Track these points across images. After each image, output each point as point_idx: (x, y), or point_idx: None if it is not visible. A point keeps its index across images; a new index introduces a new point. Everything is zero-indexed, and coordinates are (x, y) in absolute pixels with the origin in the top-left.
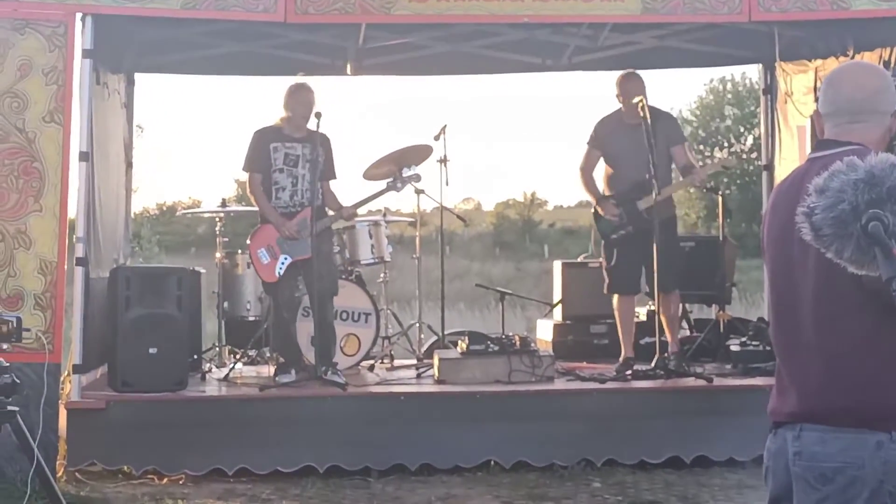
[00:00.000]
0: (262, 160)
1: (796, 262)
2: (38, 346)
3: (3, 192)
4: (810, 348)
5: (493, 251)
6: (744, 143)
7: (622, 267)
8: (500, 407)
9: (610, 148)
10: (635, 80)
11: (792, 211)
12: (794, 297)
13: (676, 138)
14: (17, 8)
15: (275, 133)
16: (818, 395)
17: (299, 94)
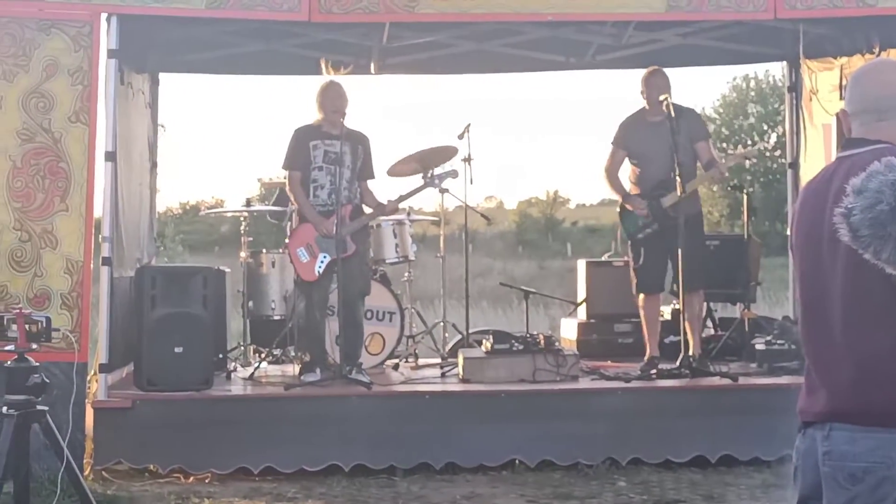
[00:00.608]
0: (302, 158)
1: (825, 261)
2: (66, 346)
3: (29, 191)
4: (840, 348)
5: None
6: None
7: (649, 266)
8: (525, 406)
9: (634, 147)
10: (660, 77)
11: (820, 210)
12: (823, 296)
13: (700, 134)
14: (43, 8)
15: (314, 131)
16: (848, 395)
17: (329, 92)
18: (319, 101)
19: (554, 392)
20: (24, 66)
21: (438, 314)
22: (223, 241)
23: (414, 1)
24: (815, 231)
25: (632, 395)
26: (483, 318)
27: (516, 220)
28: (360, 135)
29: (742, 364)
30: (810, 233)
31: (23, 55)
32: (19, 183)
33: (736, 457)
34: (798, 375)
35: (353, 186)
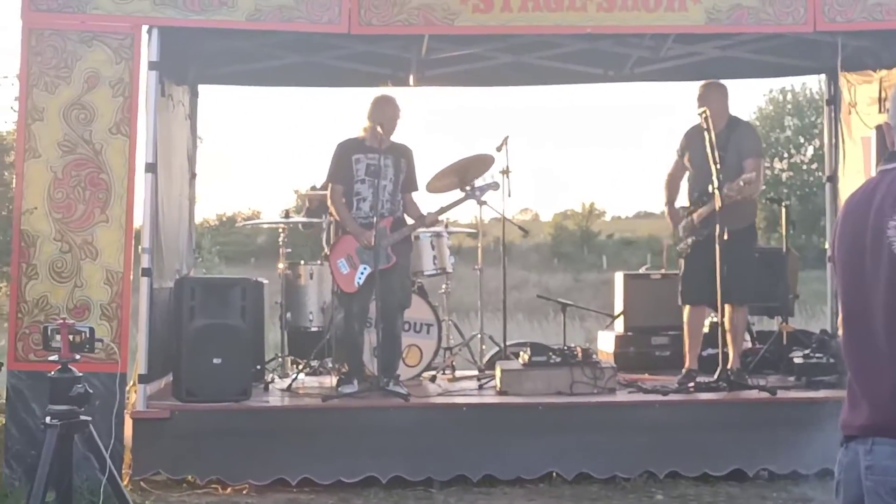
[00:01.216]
0: (345, 171)
1: (868, 273)
2: (106, 357)
3: (70, 202)
4: (882, 361)
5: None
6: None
7: (690, 277)
8: (562, 418)
9: (690, 156)
10: (707, 91)
11: (862, 223)
12: (865, 309)
13: (748, 151)
14: (85, 21)
15: (357, 145)
16: (891, 409)
17: (383, 107)
18: (371, 114)
19: (591, 405)
20: (66, 78)
21: (475, 326)
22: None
23: (453, 14)
24: (858, 244)
25: (669, 409)
26: (519, 330)
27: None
28: (404, 147)
29: (780, 377)
30: (852, 245)
31: (65, 67)
32: (60, 194)
33: (774, 470)
34: (836, 389)
35: (396, 199)
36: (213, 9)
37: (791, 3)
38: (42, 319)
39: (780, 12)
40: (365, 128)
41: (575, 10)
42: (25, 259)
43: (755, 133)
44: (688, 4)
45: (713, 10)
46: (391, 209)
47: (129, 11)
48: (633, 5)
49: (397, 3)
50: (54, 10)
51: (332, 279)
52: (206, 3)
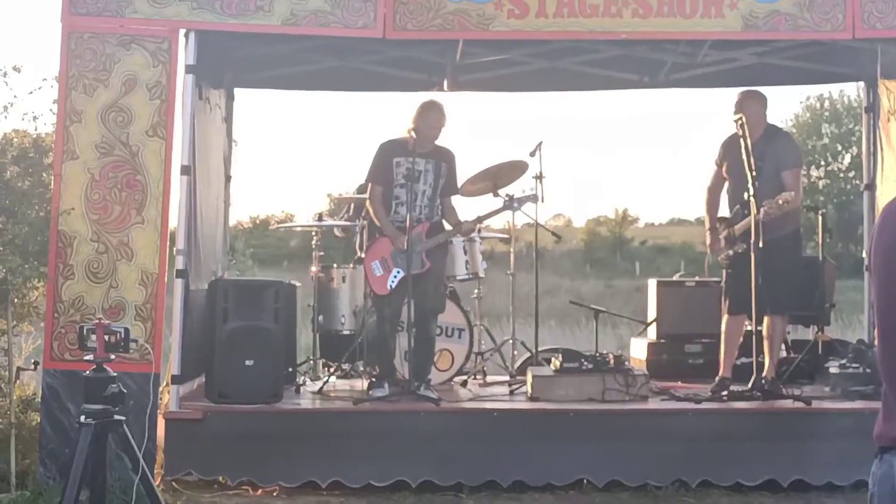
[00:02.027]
0: (385, 173)
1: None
2: (139, 357)
3: (106, 204)
4: None
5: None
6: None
7: (731, 287)
8: (594, 425)
9: (728, 167)
10: (744, 99)
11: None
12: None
13: (786, 162)
14: (124, 24)
15: (400, 147)
16: None
17: (430, 114)
18: (416, 119)
19: (623, 412)
20: (104, 81)
21: (507, 331)
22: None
23: (488, 19)
24: (892, 254)
25: (702, 417)
26: (550, 336)
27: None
28: (446, 151)
29: (815, 387)
30: (886, 255)
31: (103, 70)
32: (97, 195)
33: (808, 481)
34: (872, 400)
35: (434, 204)
36: (249, 13)
37: (830, 10)
38: (78, 319)
39: (819, 19)
40: (409, 130)
41: (610, 16)
42: (62, 259)
43: (794, 143)
44: (724, 11)
45: (750, 17)
46: (428, 214)
47: (167, 15)
48: (669, 11)
49: (432, 8)
50: (93, 14)
51: (364, 280)
52: (243, 7)
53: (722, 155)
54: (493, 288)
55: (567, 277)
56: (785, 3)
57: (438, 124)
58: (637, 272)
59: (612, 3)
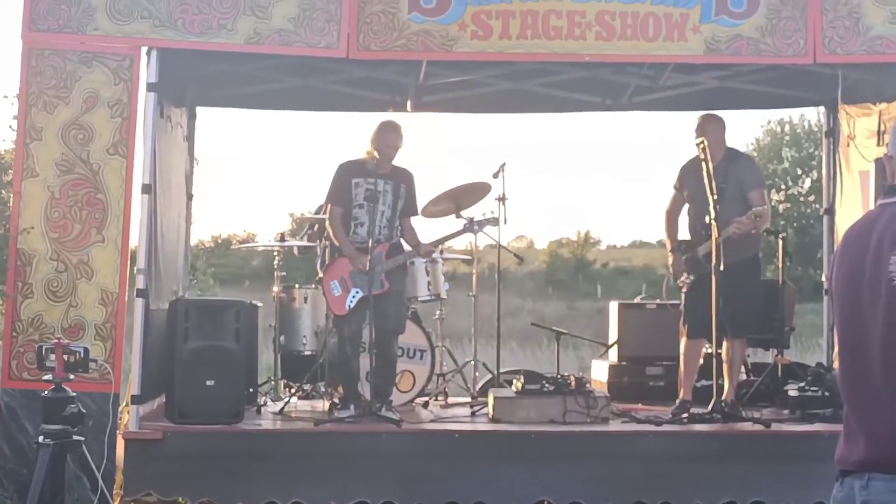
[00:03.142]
0: (344, 194)
1: (865, 308)
2: (99, 377)
3: (66, 222)
4: (879, 396)
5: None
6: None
7: (690, 311)
8: (555, 447)
9: (688, 190)
10: (705, 122)
11: (861, 256)
12: (862, 343)
13: (751, 182)
14: (85, 41)
15: (358, 168)
16: (888, 444)
17: (387, 134)
18: (374, 139)
19: (584, 434)
20: (65, 98)
21: (469, 353)
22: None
23: (452, 40)
24: (856, 277)
25: (663, 439)
26: (512, 357)
27: (546, 260)
28: (405, 172)
29: (774, 410)
30: (850, 278)
31: (64, 87)
32: (57, 214)
33: (767, 503)
34: (831, 423)
35: (394, 224)
36: (212, 31)
37: (791, 35)
38: (37, 339)
39: (780, 43)
40: (368, 151)
41: (574, 39)
42: (21, 278)
43: (756, 164)
44: (687, 34)
45: (712, 41)
46: (388, 235)
47: (129, 33)
48: (633, 34)
49: (396, 29)
50: (54, 31)
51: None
52: (206, 25)
53: (681, 179)
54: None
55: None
56: (747, 27)
57: (396, 144)
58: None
59: (575, 26)
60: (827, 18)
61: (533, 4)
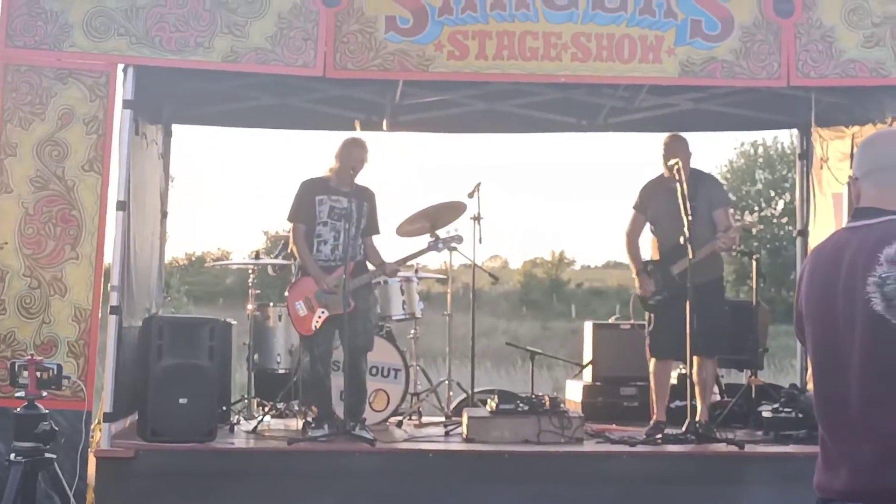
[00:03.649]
0: (307, 212)
1: (840, 334)
2: (71, 394)
3: (40, 239)
4: (860, 424)
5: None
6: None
7: (659, 331)
8: (529, 467)
9: (652, 211)
10: (676, 143)
11: (832, 282)
12: (839, 369)
13: (718, 202)
14: (61, 58)
15: (321, 185)
16: (871, 474)
17: (352, 149)
18: (339, 155)
19: (558, 454)
20: (40, 115)
21: (443, 372)
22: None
23: (428, 59)
24: (828, 302)
25: (637, 460)
26: (487, 377)
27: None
28: (367, 190)
29: (748, 431)
30: (822, 303)
31: (39, 103)
32: (31, 230)
33: None
34: (805, 444)
35: (357, 243)
36: (188, 49)
37: (765, 58)
38: (9, 355)
39: (754, 66)
40: (331, 168)
41: (550, 60)
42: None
43: (720, 184)
44: (662, 56)
45: (687, 63)
46: (352, 253)
47: (105, 50)
48: (608, 56)
49: (373, 48)
50: (30, 47)
51: None
52: (182, 43)
53: (644, 199)
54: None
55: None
56: (721, 50)
57: (361, 159)
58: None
59: (551, 47)
60: (800, 42)
61: (509, 25)
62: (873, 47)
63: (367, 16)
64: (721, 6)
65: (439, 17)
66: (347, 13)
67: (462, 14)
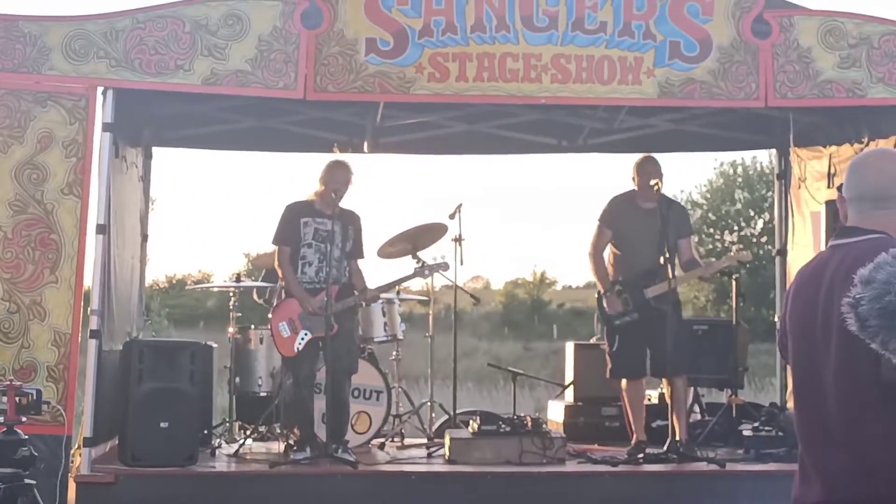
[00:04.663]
0: (292, 234)
1: (819, 349)
2: (51, 419)
3: (19, 262)
4: (836, 439)
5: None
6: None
7: (625, 352)
8: (511, 488)
9: (622, 229)
10: (652, 165)
11: (813, 298)
12: (817, 386)
13: (685, 231)
14: (40, 81)
15: (306, 208)
16: (845, 488)
17: (336, 171)
18: (323, 178)
19: (540, 475)
20: (19, 138)
21: (425, 394)
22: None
23: (409, 81)
24: (809, 319)
25: (619, 480)
26: (469, 398)
27: (503, 301)
28: (353, 214)
29: (729, 450)
30: (802, 320)
31: (18, 127)
32: (9, 254)
33: None
34: (785, 462)
35: (342, 266)
36: (168, 72)
37: (743, 79)
38: None
39: (733, 87)
40: (316, 191)
41: (529, 81)
42: None
43: (688, 213)
44: (641, 77)
45: (666, 84)
46: (337, 276)
47: (85, 73)
48: (588, 77)
49: (353, 70)
50: (9, 70)
51: None
52: (162, 66)
53: (612, 216)
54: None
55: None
56: (700, 71)
57: (346, 181)
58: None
59: (531, 69)
60: (778, 63)
61: (489, 47)
62: (849, 68)
63: (347, 38)
64: (699, 27)
65: (419, 40)
66: (328, 35)
67: (442, 36)
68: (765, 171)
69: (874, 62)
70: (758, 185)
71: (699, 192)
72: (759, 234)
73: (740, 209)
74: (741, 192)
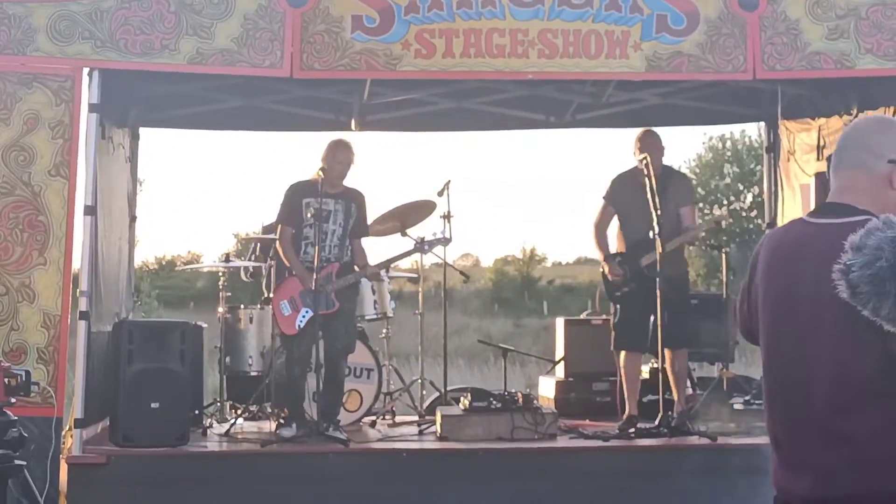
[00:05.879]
0: (295, 214)
1: (806, 334)
2: (42, 401)
3: (7, 245)
4: (824, 429)
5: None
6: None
7: (626, 324)
8: (503, 464)
9: (622, 204)
10: (649, 138)
11: (794, 278)
12: (802, 370)
13: (684, 199)
14: (25, 62)
15: (309, 188)
16: (836, 481)
17: (338, 151)
18: (325, 158)
19: (532, 450)
20: (5, 120)
21: (416, 371)
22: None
23: (395, 58)
24: (790, 302)
25: (611, 454)
26: (459, 375)
27: (493, 278)
28: (356, 192)
29: (721, 424)
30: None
31: (4, 108)
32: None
33: None
34: None
35: (344, 244)
36: (154, 52)
37: (731, 51)
38: None
39: (720, 60)
40: (318, 170)
41: (517, 57)
42: None
43: (690, 182)
44: (628, 52)
45: (653, 58)
46: (338, 255)
47: (70, 54)
48: (575, 52)
49: (340, 48)
50: None
51: (273, 321)
52: (148, 46)
53: (614, 192)
54: (402, 328)
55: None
56: (687, 44)
57: (347, 160)
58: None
59: (518, 44)
60: (765, 35)
61: (476, 23)
62: (837, 39)
63: (333, 16)
64: (686, 0)
65: (406, 16)
66: (313, 13)
67: (428, 12)
68: (754, 145)
69: (862, 33)
70: (747, 159)
71: (688, 166)
72: (748, 207)
73: (729, 183)
74: (730, 167)
